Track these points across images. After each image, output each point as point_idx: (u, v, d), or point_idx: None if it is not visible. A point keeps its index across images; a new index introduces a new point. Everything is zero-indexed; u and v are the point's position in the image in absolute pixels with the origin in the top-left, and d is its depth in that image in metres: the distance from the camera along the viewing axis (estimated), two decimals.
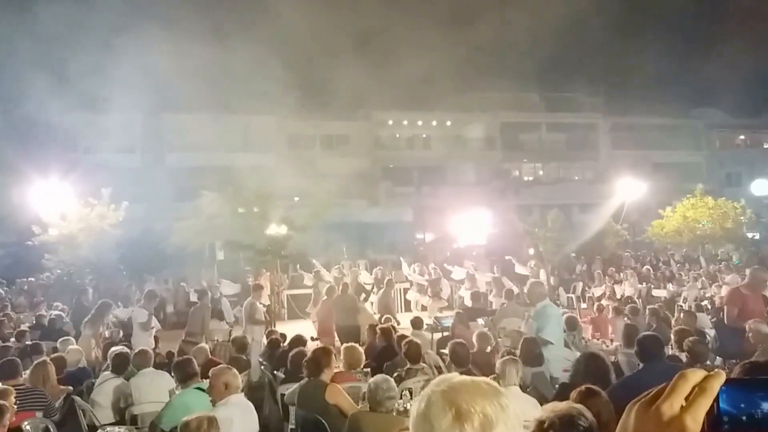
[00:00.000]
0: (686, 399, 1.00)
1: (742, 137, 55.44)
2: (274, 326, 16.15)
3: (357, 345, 8.98)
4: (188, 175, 36.08)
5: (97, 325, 13.82)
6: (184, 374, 7.21)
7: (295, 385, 7.43)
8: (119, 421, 7.65)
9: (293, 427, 7.35)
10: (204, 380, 7.24)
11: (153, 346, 12.84)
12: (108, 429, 6.68)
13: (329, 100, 37.18)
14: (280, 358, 10.17)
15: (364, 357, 8.67)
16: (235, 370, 6.26)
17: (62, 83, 28.85)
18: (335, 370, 7.52)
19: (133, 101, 34.13)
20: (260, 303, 15.59)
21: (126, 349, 9.19)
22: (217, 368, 6.33)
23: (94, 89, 30.20)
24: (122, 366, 8.59)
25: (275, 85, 35.66)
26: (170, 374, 8.14)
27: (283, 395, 8.16)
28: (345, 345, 9.10)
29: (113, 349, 9.35)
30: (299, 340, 10.76)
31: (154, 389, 7.96)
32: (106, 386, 8.20)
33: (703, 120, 52.44)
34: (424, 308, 20.89)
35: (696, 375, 1.02)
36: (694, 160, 51.91)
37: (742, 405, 0.99)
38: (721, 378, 1.00)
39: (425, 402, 1.67)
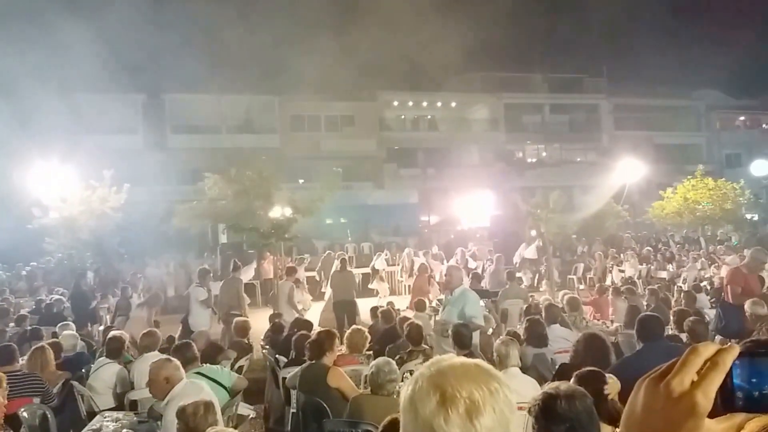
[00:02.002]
0: (698, 374, 0.96)
1: (741, 118, 55.74)
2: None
3: (363, 329, 8.96)
4: (190, 156, 36.02)
5: (153, 306, 13.94)
6: (183, 358, 7.05)
7: (296, 369, 7.42)
8: (118, 407, 7.59)
9: (295, 410, 7.33)
10: (204, 365, 7.22)
11: (209, 325, 12.94)
12: (107, 414, 6.63)
13: (333, 80, 36.99)
14: (284, 342, 10.13)
15: (368, 341, 8.65)
16: (176, 362, 5.90)
17: (63, 62, 28.78)
18: (337, 353, 7.51)
19: (135, 81, 34.10)
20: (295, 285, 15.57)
21: (121, 333, 9.12)
22: (156, 362, 5.96)
23: (95, 69, 30.11)
24: (117, 350, 8.48)
25: (278, 65, 35.58)
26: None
27: (284, 379, 8.14)
28: (352, 328, 9.13)
29: (111, 333, 9.33)
30: (303, 324, 10.72)
31: None
32: (102, 371, 8.12)
33: (704, 101, 52.71)
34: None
35: (708, 349, 0.98)
36: (694, 142, 52.50)
37: (754, 380, 0.96)
38: (735, 351, 0.97)
39: (412, 385, 1.64)
